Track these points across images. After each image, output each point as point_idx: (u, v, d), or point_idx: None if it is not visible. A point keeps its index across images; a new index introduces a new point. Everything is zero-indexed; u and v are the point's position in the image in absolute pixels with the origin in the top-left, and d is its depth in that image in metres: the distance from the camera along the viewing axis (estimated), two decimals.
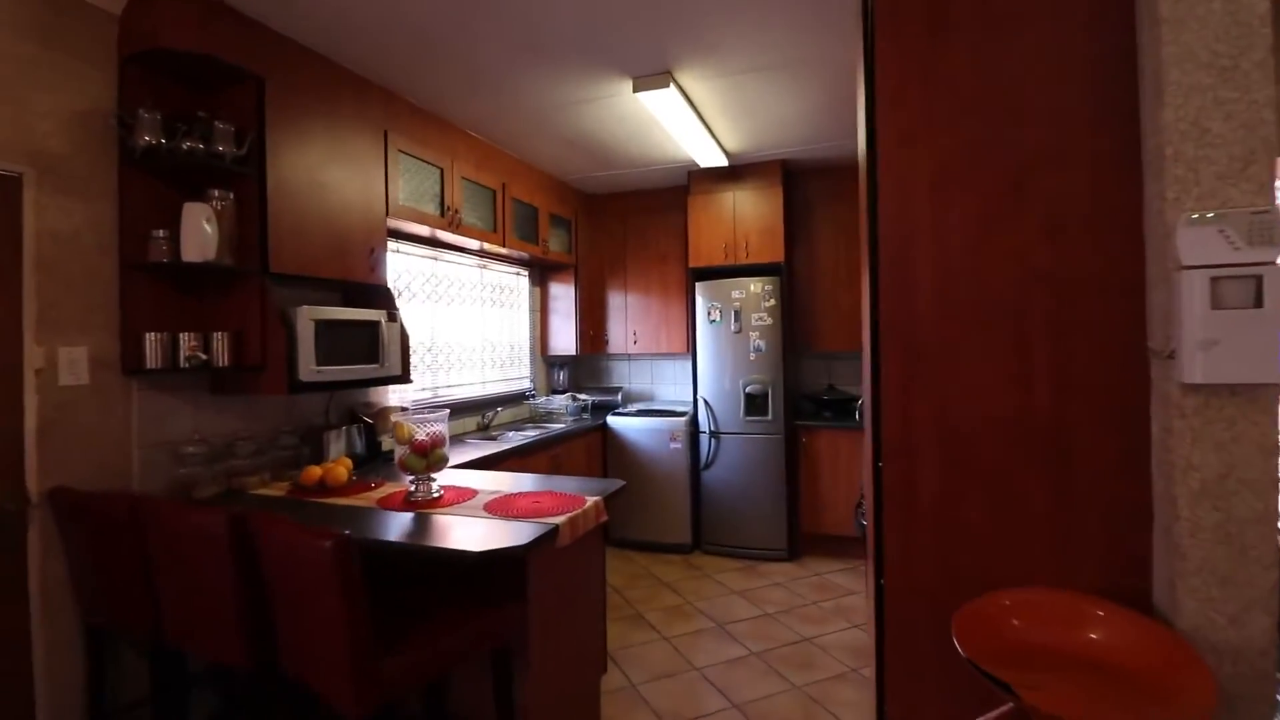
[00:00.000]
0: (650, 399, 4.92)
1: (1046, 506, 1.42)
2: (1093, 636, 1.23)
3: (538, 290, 4.61)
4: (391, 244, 3.12)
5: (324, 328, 2.26)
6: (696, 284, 4.14)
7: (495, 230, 3.53)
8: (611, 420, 4.27)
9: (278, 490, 2.23)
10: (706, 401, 4.10)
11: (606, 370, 5.07)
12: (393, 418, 2.06)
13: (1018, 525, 1.44)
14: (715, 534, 4.10)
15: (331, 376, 2.29)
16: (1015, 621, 1.26)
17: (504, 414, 4.09)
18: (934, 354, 1.48)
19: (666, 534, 4.14)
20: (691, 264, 4.20)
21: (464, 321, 3.80)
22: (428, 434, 2.04)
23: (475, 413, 3.82)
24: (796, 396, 4.29)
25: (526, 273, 4.46)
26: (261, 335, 2.15)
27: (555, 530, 1.74)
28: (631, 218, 4.65)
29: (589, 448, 4.08)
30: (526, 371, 4.47)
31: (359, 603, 1.32)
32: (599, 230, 4.74)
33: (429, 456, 2.03)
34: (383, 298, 2.72)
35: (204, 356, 2.09)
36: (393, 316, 2.60)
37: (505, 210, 3.61)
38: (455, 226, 3.16)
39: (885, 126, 1.51)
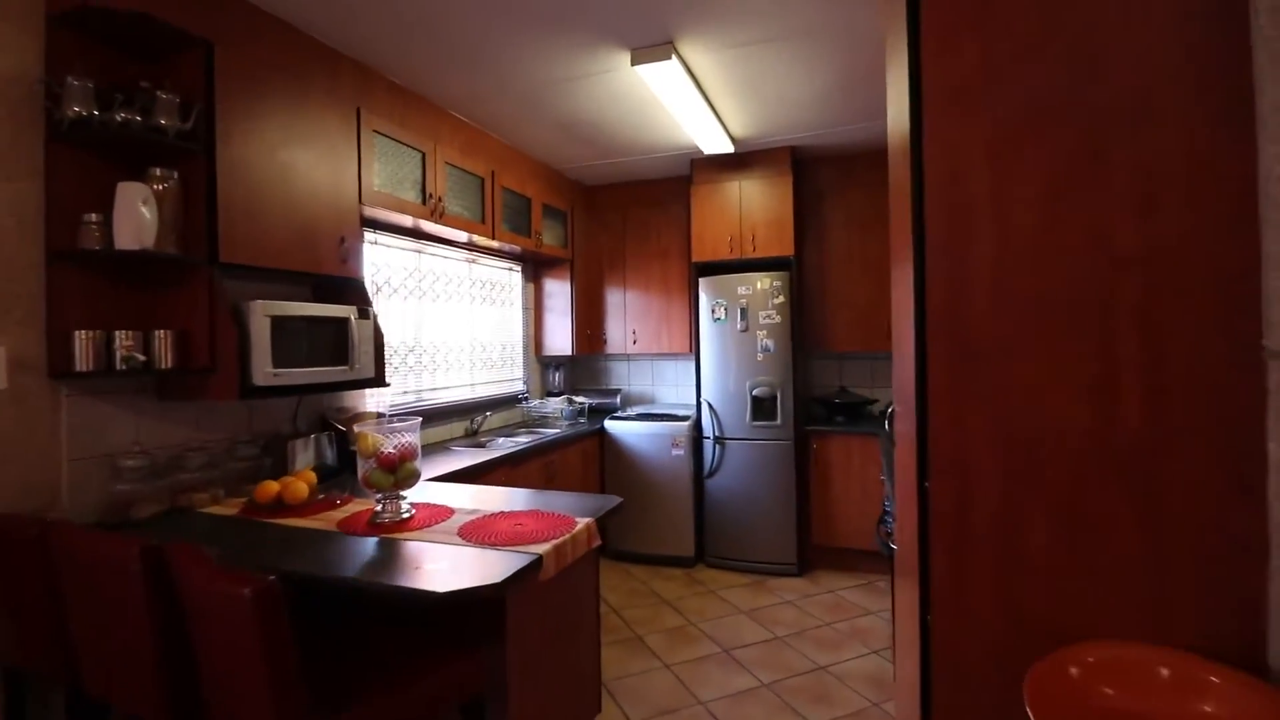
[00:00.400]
0: (650, 402, 4.67)
1: (1131, 537, 1.16)
2: (1206, 709, 0.98)
3: (531, 287, 4.36)
4: (369, 235, 2.87)
5: (282, 325, 2.01)
6: (700, 279, 3.89)
7: (484, 221, 3.28)
8: (609, 425, 4.02)
9: (230, 508, 1.98)
10: (710, 405, 3.85)
11: (604, 371, 4.82)
12: (356, 428, 1.81)
13: (1096, 559, 1.18)
14: (720, 546, 3.84)
15: (291, 380, 2.04)
16: (1107, 690, 1.01)
17: (494, 418, 3.84)
18: (993, 354, 1.23)
19: (668, 546, 3.89)
20: (695, 258, 3.95)
21: (451, 319, 3.55)
22: (396, 446, 1.79)
23: (463, 417, 3.57)
24: (806, 400, 4.04)
25: (519, 268, 4.21)
26: (210, 334, 1.90)
27: (538, 561, 1.48)
28: (631, 210, 4.40)
29: (585, 454, 3.83)
30: (519, 373, 4.22)
31: (285, 660, 1.07)
32: (596, 223, 4.49)
33: (397, 472, 1.78)
34: (356, 293, 2.47)
35: (142, 358, 1.84)
36: (365, 313, 2.35)
37: (494, 200, 3.36)
38: (439, 216, 2.91)
39: (932, 81, 1.26)
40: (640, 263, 4.38)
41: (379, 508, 1.81)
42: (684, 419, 3.91)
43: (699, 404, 3.92)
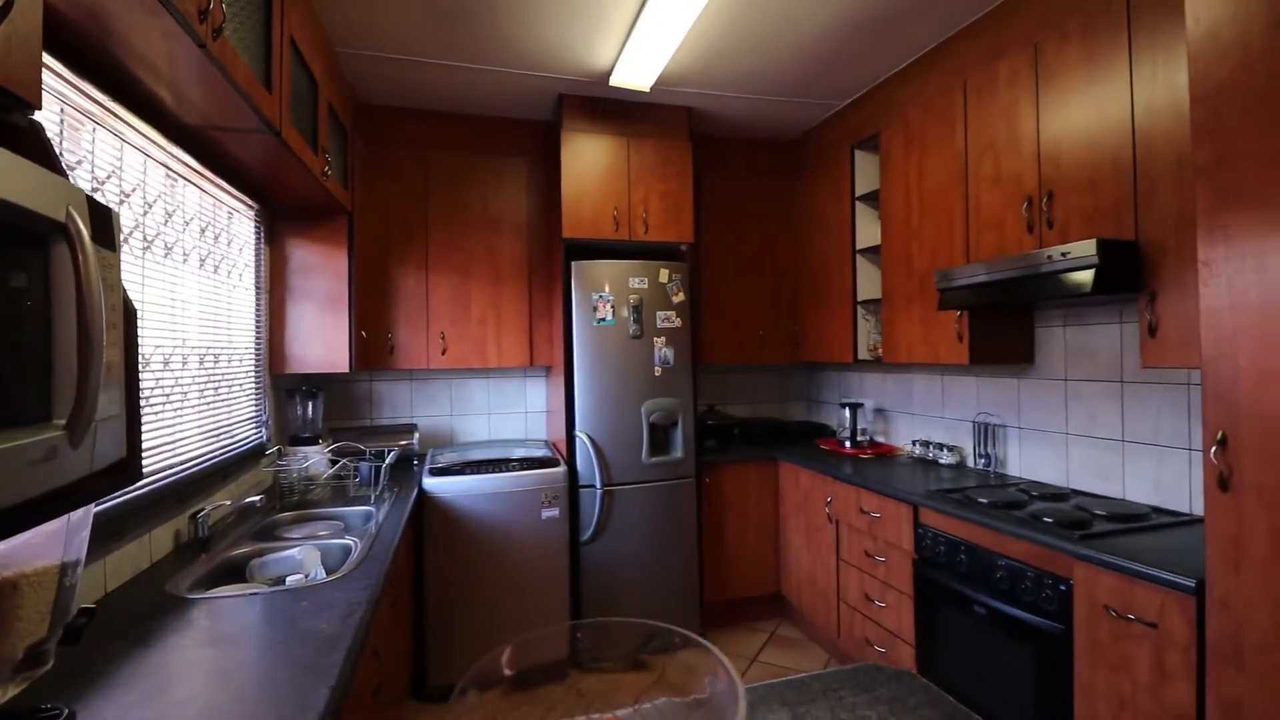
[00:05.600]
0: (448, 441, 3.20)
1: None
2: None
3: (267, 252, 2.45)
4: None
5: None
6: (572, 264, 2.76)
7: (271, 89, 1.54)
8: (432, 484, 2.49)
9: None
10: (591, 440, 2.74)
11: (369, 398, 3.10)
12: None
13: None
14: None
15: None
16: None
17: (223, 496, 1.93)
18: None
19: (532, 654, 2.59)
20: (567, 234, 2.78)
21: (140, 291, 1.58)
22: None
23: (174, 508, 1.64)
24: None
25: (254, 211, 2.29)
26: None
27: None
28: (439, 156, 2.92)
29: (407, 546, 2.26)
30: (253, 408, 2.29)
31: None
32: (383, 167, 2.84)
33: None
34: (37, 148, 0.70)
35: None
36: (103, 226, 0.66)
37: (283, 57, 1.64)
38: (212, 33, 1.18)
39: None
40: (453, 235, 2.93)
41: None
42: (546, 463, 2.70)
43: (571, 440, 2.77)
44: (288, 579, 1.50)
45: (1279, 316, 1.16)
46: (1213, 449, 1.29)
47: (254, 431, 2.24)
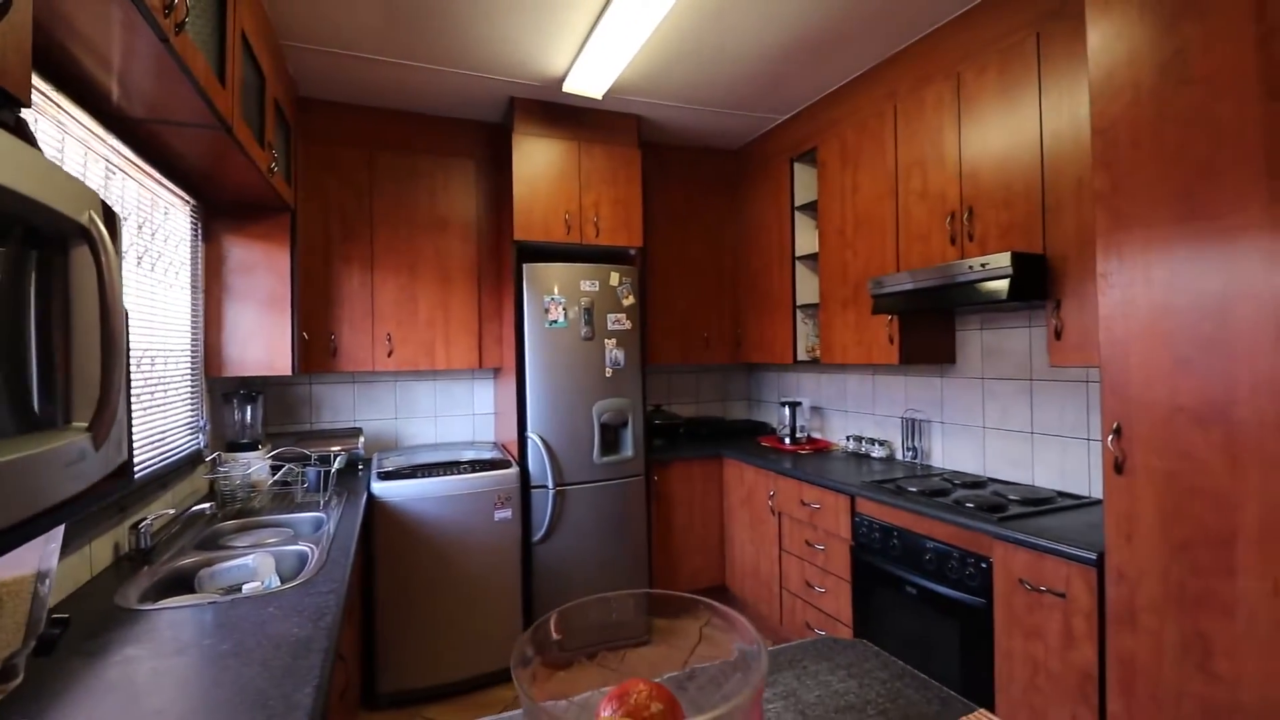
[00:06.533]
0: (393, 445, 3.14)
1: None
2: None
3: (202, 249, 2.33)
4: None
5: None
6: (524, 267, 2.77)
7: (224, 82, 1.50)
8: (382, 489, 2.45)
9: None
10: (544, 442, 2.77)
11: (309, 402, 3.00)
12: None
13: None
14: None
15: None
16: None
17: (161, 505, 1.84)
18: None
19: (486, 658, 2.60)
20: (519, 236, 2.79)
21: None
22: None
23: (116, 518, 1.56)
24: None
25: (190, 207, 2.18)
26: None
27: None
28: (385, 156, 2.86)
29: (357, 557, 2.22)
30: (188, 413, 2.18)
31: None
32: (326, 165, 2.76)
33: None
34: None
35: None
36: (112, 223, 0.66)
37: (235, 49, 1.59)
38: (175, 28, 1.15)
39: None
40: (399, 234, 2.88)
41: None
42: (498, 465, 2.71)
43: (523, 441, 2.78)
44: (244, 587, 1.46)
45: (1161, 322, 1.36)
46: (1109, 437, 1.48)
47: (191, 437, 2.13)
